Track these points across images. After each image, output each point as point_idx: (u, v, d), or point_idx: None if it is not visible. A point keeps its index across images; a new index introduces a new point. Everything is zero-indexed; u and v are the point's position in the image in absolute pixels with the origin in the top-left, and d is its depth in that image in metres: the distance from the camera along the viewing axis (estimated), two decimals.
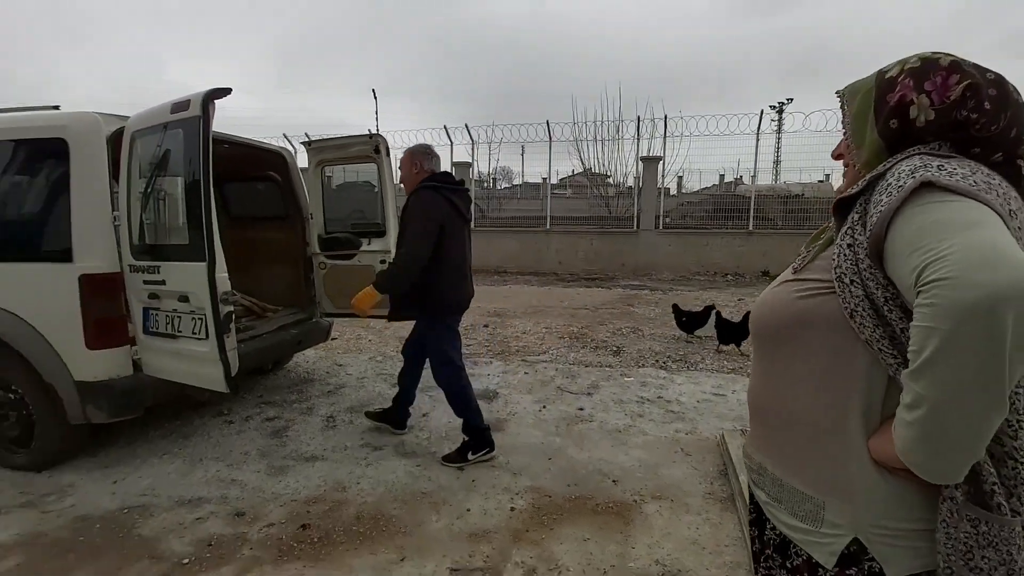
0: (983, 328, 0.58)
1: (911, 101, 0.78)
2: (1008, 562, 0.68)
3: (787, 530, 0.85)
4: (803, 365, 0.81)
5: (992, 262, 0.58)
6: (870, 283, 0.72)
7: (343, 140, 3.87)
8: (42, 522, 2.29)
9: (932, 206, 0.66)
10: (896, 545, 0.75)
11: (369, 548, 2.12)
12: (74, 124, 2.55)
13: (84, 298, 2.47)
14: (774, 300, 0.87)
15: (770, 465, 0.88)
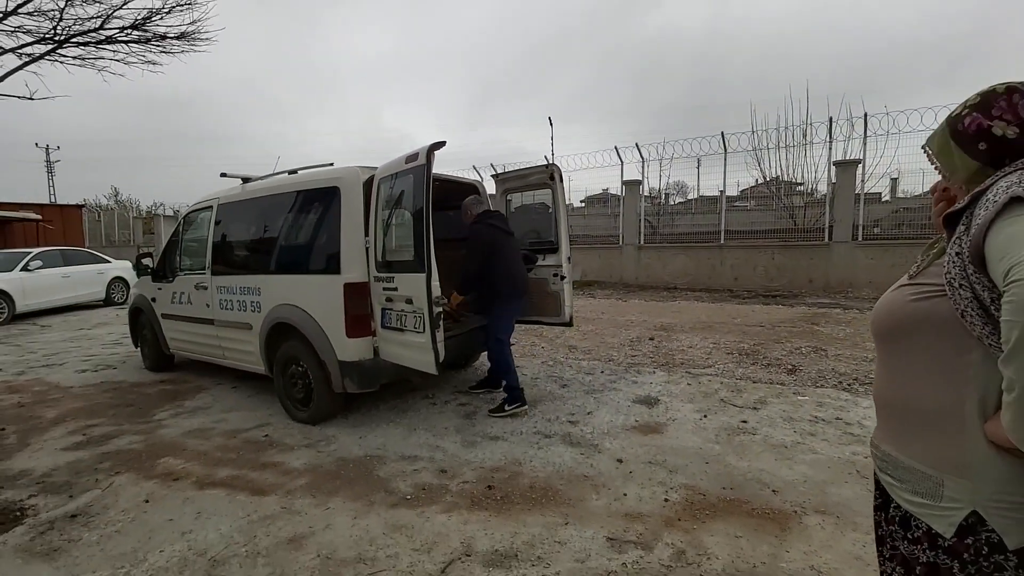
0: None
1: (989, 126, 0.89)
2: None
3: (909, 506, 0.93)
4: (922, 360, 0.92)
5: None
6: (976, 286, 0.81)
7: (524, 171, 4.52)
8: (318, 458, 3.25)
9: (1020, 218, 0.77)
10: (1013, 517, 0.83)
11: (539, 511, 2.56)
12: (344, 175, 3.58)
13: (346, 300, 3.44)
14: (891, 303, 0.99)
15: (894, 451, 0.97)
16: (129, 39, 7.62)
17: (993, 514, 0.84)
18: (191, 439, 3.64)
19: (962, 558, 0.86)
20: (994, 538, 0.83)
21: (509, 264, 3.85)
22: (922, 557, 0.91)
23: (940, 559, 0.89)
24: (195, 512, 2.66)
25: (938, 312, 0.88)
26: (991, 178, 0.88)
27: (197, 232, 4.85)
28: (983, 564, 0.84)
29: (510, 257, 3.88)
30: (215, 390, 4.79)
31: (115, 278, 11.67)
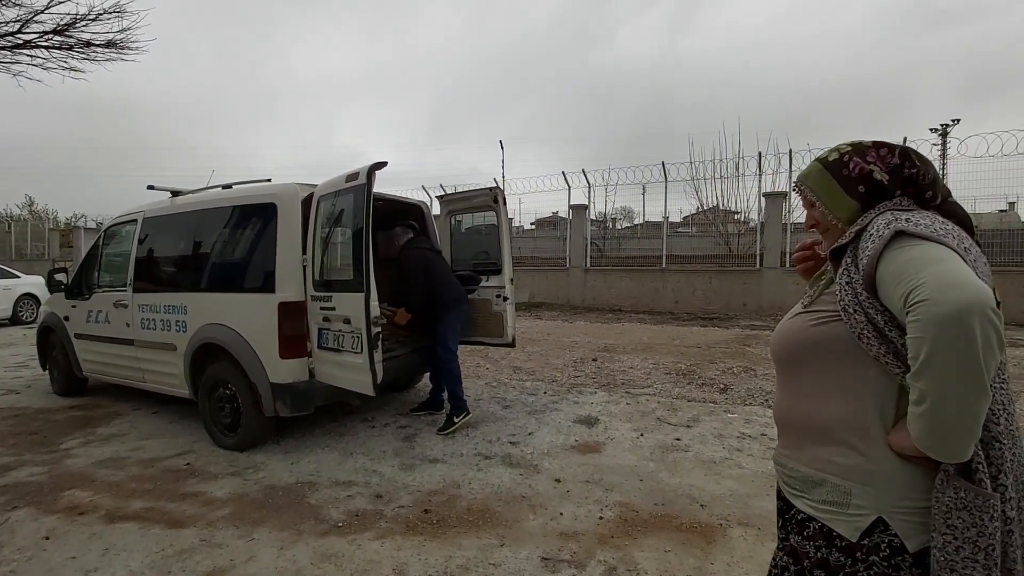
0: (957, 332, 0.76)
1: (870, 170, 1.01)
2: (979, 525, 0.83)
3: (813, 512, 0.99)
4: (824, 380, 0.99)
5: (957, 284, 0.79)
6: (870, 310, 0.90)
7: (469, 193, 4.57)
8: (244, 486, 3.08)
9: (906, 248, 0.87)
10: (914, 522, 0.89)
11: (476, 534, 2.53)
12: (281, 192, 3.50)
13: (280, 319, 3.32)
14: (791, 331, 1.06)
15: (801, 466, 1.03)
16: (50, 44, 7.18)
17: (896, 519, 0.90)
18: (102, 469, 3.37)
19: (855, 556, 0.92)
20: (896, 542, 0.90)
21: (444, 275, 4.10)
22: (813, 553, 0.98)
23: (833, 556, 0.95)
24: (102, 548, 2.45)
25: (836, 335, 0.96)
26: (865, 216, 1.00)
27: (119, 247, 4.56)
28: (881, 564, 0.91)
29: (443, 269, 4.16)
30: (132, 416, 4.46)
31: (24, 294, 10.74)
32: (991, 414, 0.85)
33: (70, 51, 7.25)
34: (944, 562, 0.85)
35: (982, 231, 10.73)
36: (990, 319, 0.77)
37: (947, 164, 17.09)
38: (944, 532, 0.85)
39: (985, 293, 0.78)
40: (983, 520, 0.83)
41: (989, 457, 0.85)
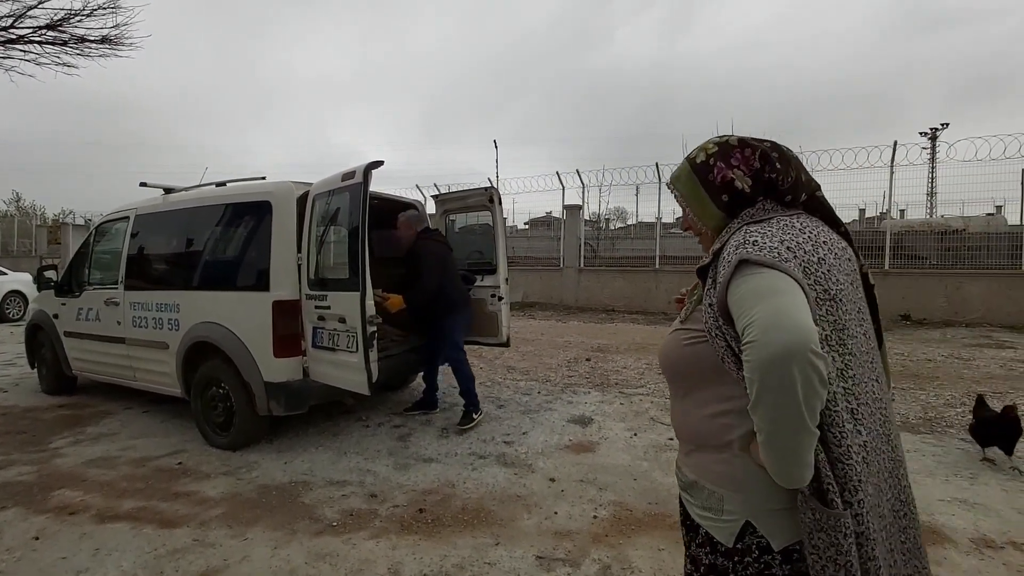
0: (778, 377, 0.80)
1: (732, 177, 1.02)
2: (836, 544, 0.86)
3: (699, 519, 1.04)
4: (699, 394, 1.03)
5: (782, 327, 0.80)
6: (728, 336, 0.91)
7: (464, 193, 4.58)
8: (237, 485, 3.06)
9: (747, 278, 0.88)
10: (777, 523, 0.94)
11: (471, 533, 2.54)
12: (276, 190, 3.48)
13: (275, 318, 3.31)
14: (670, 346, 1.09)
15: (690, 473, 1.07)
16: (43, 40, 7.09)
17: (762, 522, 0.95)
18: (92, 468, 3.34)
19: (734, 560, 0.98)
20: (763, 542, 0.95)
21: (456, 273, 4.09)
22: (705, 560, 1.03)
23: (719, 561, 1.00)
24: (93, 548, 2.43)
25: (704, 355, 0.99)
26: (725, 233, 1.01)
27: (110, 244, 4.52)
28: (754, 564, 0.96)
29: (455, 267, 4.13)
30: (123, 415, 4.42)
31: (11, 292, 10.59)
32: (833, 436, 0.88)
33: (64, 47, 7.16)
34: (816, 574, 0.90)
35: (970, 234, 10.89)
36: (810, 361, 0.79)
37: (936, 168, 17.32)
38: (811, 552, 0.89)
39: (806, 335, 0.80)
40: (838, 539, 0.86)
41: (836, 475, 0.88)
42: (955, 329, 8.67)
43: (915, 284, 9.59)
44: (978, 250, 9.99)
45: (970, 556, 2.29)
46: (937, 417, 4.12)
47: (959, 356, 6.41)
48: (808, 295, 0.87)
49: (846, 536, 0.87)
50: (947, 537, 2.44)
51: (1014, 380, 5.22)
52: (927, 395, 4.72)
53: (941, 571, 2.20)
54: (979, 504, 2.74)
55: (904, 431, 3.84)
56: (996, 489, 2.91)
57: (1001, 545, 2.37)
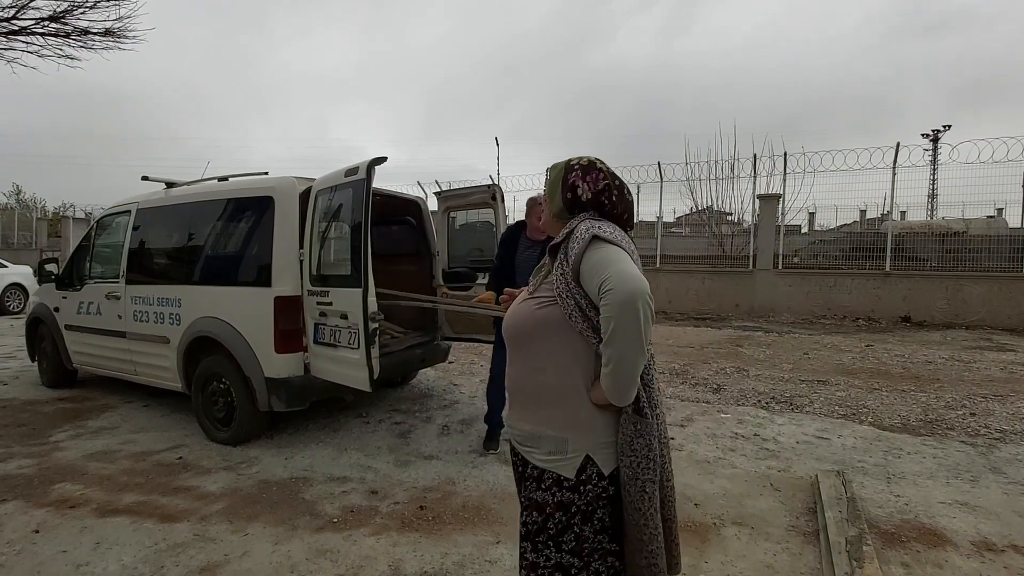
0: (631, 312, 1.10)
1: (579, 185, 1.32)
2: (650, 445, 1.19)
3: (544, 464, 1.25)
4: (546, 352, 1.25)
5: (631, 279, 1.11)
6: (577, 296, 1.20)
7: (467, 190, 4.57)
8: (238, 481, 3.06)
9: (599, 249, 1.19)
10: (607, 452, 1.22)
11: (471, 530, 2.53)
12: (279, 185, 3.47)
13: (276, 314, 3.30)
14: (521, 313, 1.31)
15: (531, 426, 1.28)
16: (46, 31, 7.05)
17: (598, 454, 1.21)
18: (93, 462, 3.33)
19: (578, 491, 1.20)
20: (599, 470, 1.21)
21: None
22: (551, 499, 1.22)
23: (565, 496, 1.21)
24: (93, 542, 2.43)
25: (554, 316, 1.23)
26: (573, 221, 1.30)
27: (112, 238, 4.51)
28: (593, 489, 1.20)
29: None
30: (123, 409, 4.42)
31: (11, 284, 10.58)
32: (645, 368, 1.20)
33: (67, 39, 7.13)
34: (631, 475, 1.18)
35: (971, 236, 10.87)
36: (648, 303, 1.12)
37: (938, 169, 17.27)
38: (629, 455, 1.19)
39: (646, 285, 1.12)
40: (651, 442, 1.19)
41: (648, 395, 1.22)
42: (956, 331, 8.67)
43: (916, 286, 9.58)
44: (979, 252, 9.97)
45: (971, 559, 2.29)
46: (938, 419, 4.12)
47: (959, 359, 6.41)
48: (637, 266, 1.20)
49: (655, 439, 1.20)
50: (948, 540, 2.44)
51: (1015, 383, 5.22)
52: (928, 397, 4.71)
53: (942, 574, 2.20)
54: (980, 507, 2.74)
55: (905, 433, 3.84)
56: (997, 492, 2.91)
57: (1002, 548, 2.37)
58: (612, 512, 1.22)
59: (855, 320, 9.78)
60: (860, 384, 5.16)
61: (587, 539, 1.20)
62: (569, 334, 1.21)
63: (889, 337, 8.12)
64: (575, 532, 1.20)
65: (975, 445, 3.59)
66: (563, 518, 1.20)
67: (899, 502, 2.80)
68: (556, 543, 1.20)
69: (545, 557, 1.21)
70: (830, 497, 2.73)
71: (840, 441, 3.65)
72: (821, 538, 2.42)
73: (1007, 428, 3.90)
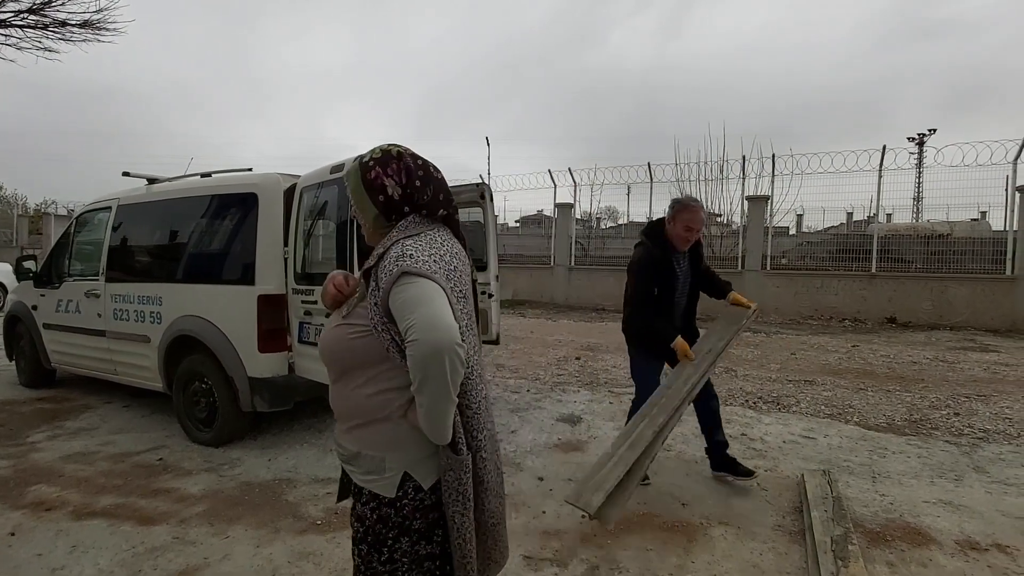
0: (436, 366, 1.02)
1: (385, 184, 1.17)
2: (460, 479, 1.16)
3: (363, 482, 1.23)
4: (367, 381, 1.19)
5: (436, 328, 1.02)
6: (391, 331, 1.11)
7: (454, 188, 4.52)
8: (219, 482, 3.00)
9: (406, 286, 1.08)
10: (425, 467, 1.19)
11: None
12: (263, 182, 3.42)
13: (260, 313, 3.24)
14: (336, 340, 1.23)
15: (352, 446, 1.24)
16: (24, 23, 6.91)
17: (416, 469, 1.19)
18: (70, 464, 3.25)
19: (396, 506, 1.18)
20: (417, 484, 1.19)
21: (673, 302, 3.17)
22: (371, 515, 1.21)
23: (383, 511, 1.19)
24: (69, 546, 2.36)
25: (370, 347, 1.16)
26: (391, 235, 1.18)
27: (91, 235, 4.42)
28: (411, 503, 1.18)
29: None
30: (103, 409, 4.33)
31: None
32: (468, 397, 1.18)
33: (45, 31, 6.99)
34: (446, 501, 1.18)
35: (955, 239, 11.03)
36: (456, 352, 1.04)
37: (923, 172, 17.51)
38: (444, 486, 1.18)
39: (453, 332, 1.04)
40: (461, 476, 1.17)
41: (468, 426, 1.18)
42: (940, 332, 8.79)
43: (901, 287, 9.69)
44: (963, 255, 10.12)
45: (955, 558, 2.31)
46: (922, 419, 4.16)
47: (944, 359, 6.49)
48: (450, 297, 1.10)
49: (466, 472, 1.18)
50: (932, 539, 2.45)
51: (998, 383, 5.29)
52: (912, 397, 4.76)
53: (926, 572, 2.21)
54: (964, 506, 2.76)
55: (890, 433, 3.87)
56: (980, 491, 2.94)
57: (986, 547, 2.39)
58: (437, 518, 1.22)
59: (842, 321, 9.88)
60: (846, 384, 5.20)
61: (404, 551, 1.21)
62: (384, 363, 1.17)
63: (875, 338, 8.21)
64: (389, 545, 1.21)
65: (959, 445, 3.63)
66: (382, 531, 1.21)
67: (884, 501, 2.81)
68: (377, 551, 1.23)
69: (366, 563, 1.25)
70: (816, 496, 2.73)
71: (826, 441, 3.66)
72: (807, 537, 2.42)
73: (990, 428, 3.94)
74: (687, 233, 2.88)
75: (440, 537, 1.23)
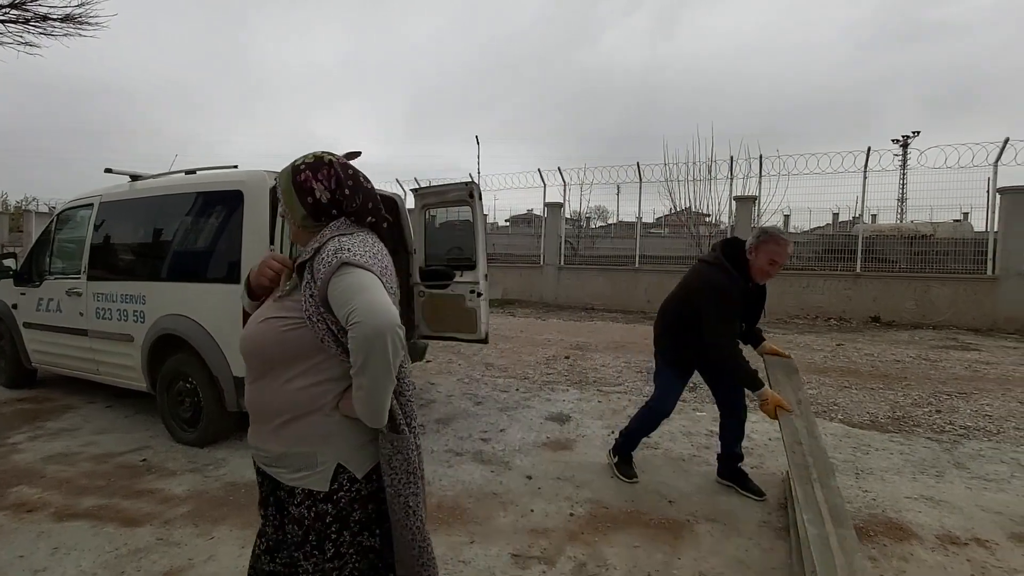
0: (379, 345, 1.07)
1: (314, 188, 1.24)
2: (409, 459, 1.20)
3: (293, 482, 1.22)
4: (299, 374, 1.21)
5: (378, 312, 1.08)
6: (328, 321, 1.15)
7: (444, 187, 4.52)
8: (204, 483, 2.97)
9: (346, 276, 1.13)
10: (358, 456, 1.22)
11: (445, 531, 2.50)
12: (248, 179, 3.38)
13: (245, 312, 3.20)
14: (266, 333, 1.23)
15: (278, 446, 1.22)
16: (5, 18, 6.78)
17: (349, 460, 1.21)
18: (52, 465, 3.20)
19: (332, 499, 1.20)
20: (352, 475, 1.21)
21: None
22: (307, 514, 1.21)
23: (319, 508, 1.21)
24: (51, 548, 2.33)
25: (303, 339, 1.19)
26: (324, 232, 1.23)
27: (73, 232, 4.34)
28: (347, 495, 1.21)
29: None
30: (85, 410, 4.26)
31: None
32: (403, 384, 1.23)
33: (26, 25, 6.86)
34: (395, 493, 1.20)
35: (938, 239, 11.22)
36: (397, 334, 1.10)
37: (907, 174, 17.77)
38: (389, 473, 1.20)
39: (394, 315, 1.10)
40: (410, 455, 1.21)
41: (404, 411, 1.22)
42: (923, 331, 8.93)
43: (885, 287, 9.84)
44: (945, 255, 10.29)
45: (935, 552, 2.35)
46: (905, 416, 4.23)
47: (927, 358, 6.60)
48: (386, 289, 1.16)
49: (414, 450, 1.22)
50: (913, 533, 2.49)
51: (978, 381, 5.40)
52: (895, 395, 4.84)
53: (908, 567, 2.24)
54: (944, 501, 2.81)
55: (873, 430, 3.92)
56: (960, 487, 2.99)
57: (965, 542, 2.43)
58: (376, 510, 1.24)
59: (827, 320, 10.00)
60: (831, 382, 5.27)
61: (345, 542, 1.22)
62: (318, 354, 1.18)
63: (859, 337, 8.32)
64: (333, 539, 1.22)
65: (940, 441, 3.69)
66: (321, 528, 1.22)
67: (867, 497, 2.86)
68: (322, 550, 1.23)
69: (313, 563, 1.24)
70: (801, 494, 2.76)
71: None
72: (791, 533, 2.45)
73: (971, 424, 4.02)
74: (770, 267, 2.68)
75: (380, 531, 1.26)
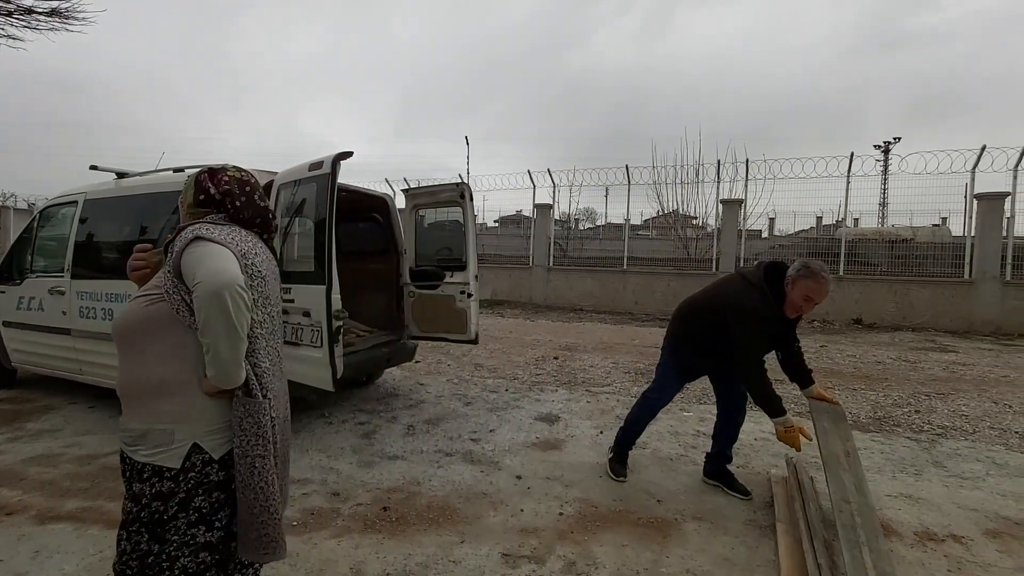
0: (218, 302, 1.17)
1: (208, 186, 1.43)
2: (260, 423, 1.27)
3: (148, 458, 1.26)
4: (158, 348, 1.28)
5: (219, 272, 1.19)
6: (182, 292, 1.26)
7: (435, 188, 4.52)
8: None
9: (197, 247, 1.25)
10: (218, 439, 1.28)
11: (435, 531, 2.51)
12: None
13: None
14: (130, 312, 1.33)
15: (139, 423, 1.29)
16: None
17: (206, 440, 1.27)
18: (33, 467, 3.14)
19: (179, 480, 1.24)
20: (207, 456, 1.26)
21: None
22: (149, 490, 1.25)
23: (165, 486, 1.24)
24: (32, 551, 2.29)
25: (162, 312, 1.28)
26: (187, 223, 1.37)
27: (56, 230, 4.27)
28: (196, 476, 1.25)
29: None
30: (67, 410, 4.19)
31: None
32: (255, 357, 1.31)
33: (9, 17, 6.71)
34: (242, 453, 1.25)
35: (918, 243, 11.47)
36: (238, 292, 1.19)
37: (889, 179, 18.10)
38: (240, 435, 1.25)
39: (236, 276, 1.21)
40: (261, 419, 1.27)
41: (259, 379, 1.31)
42: (903, 333, 9.12)
43: (867, 290, 10.03)
44: (925, 259, 10.53)
45: (914, 548, 2.41)
46: (885, 416, 4.32)
47: (906, 359, 6.75)
48: (240, 265, 1.27)
49: (265, 415, 1.28)
50: (893, 530, 2.56)
51: (956, 382, 5.53)
52: (876, 395, 4.94)
53: None
54: (923, 499, 2.89)
55: (855, 430, 4.00)
56: (938, 485, 3.07)
57: (942, 538, 2.50)
58: (222, 499, 1.28)
59: (811, 322, 10.16)
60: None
61: (179, 530, 1.24)
62: (177, 328, 1.26)
63: (842, 338, 8.48)
64: (164, 524, 1.24)
65: (919, 441, 3.79)
66: (159, 507, 1.24)
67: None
68: (150, 531, 1.25)
69: (134, 544, 1.25)
70: (784, 495, 2.82)
71: None
72: (778, 530, 2.50)
73: (948, 424, 4.12)
74: (805, 303, 2.59)
75: (222, 523, 1.29)
